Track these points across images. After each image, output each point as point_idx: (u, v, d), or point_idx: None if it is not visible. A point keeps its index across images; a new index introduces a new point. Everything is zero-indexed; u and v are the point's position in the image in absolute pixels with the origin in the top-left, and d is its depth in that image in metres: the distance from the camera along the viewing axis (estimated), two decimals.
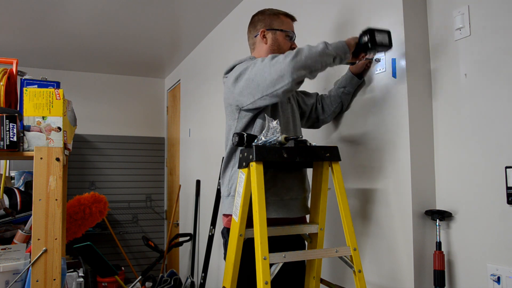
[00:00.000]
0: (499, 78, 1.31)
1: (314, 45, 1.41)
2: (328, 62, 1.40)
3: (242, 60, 1.61)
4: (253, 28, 1.70)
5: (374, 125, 1.63)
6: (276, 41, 1.64)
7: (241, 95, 1.48)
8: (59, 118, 1.34)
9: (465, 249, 1.39)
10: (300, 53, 1.36)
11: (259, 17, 1.68)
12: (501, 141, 1.29)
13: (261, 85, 1.40)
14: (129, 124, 5.10)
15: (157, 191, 5.16)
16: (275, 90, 1.38)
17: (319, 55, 1.37)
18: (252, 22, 1.71)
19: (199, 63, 3.92)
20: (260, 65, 1.41)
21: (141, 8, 3.07)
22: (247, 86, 1.44)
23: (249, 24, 1.72)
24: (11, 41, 3.76)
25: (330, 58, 1.40)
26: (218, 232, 3.24)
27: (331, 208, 1.63)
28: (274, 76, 1.36)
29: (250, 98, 1.45)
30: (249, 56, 1.64)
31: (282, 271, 1.25)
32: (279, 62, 1.36)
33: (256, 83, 1.41)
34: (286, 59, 1.35)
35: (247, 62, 1.52)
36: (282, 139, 1.28)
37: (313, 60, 1.36)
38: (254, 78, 1.41)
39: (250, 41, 1.73)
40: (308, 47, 1.40)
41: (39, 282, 1.24)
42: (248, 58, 1.62)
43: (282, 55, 1.39)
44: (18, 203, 2.01)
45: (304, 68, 1.35)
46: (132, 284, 3.65)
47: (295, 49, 1.41)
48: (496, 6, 1.32)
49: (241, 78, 1.47)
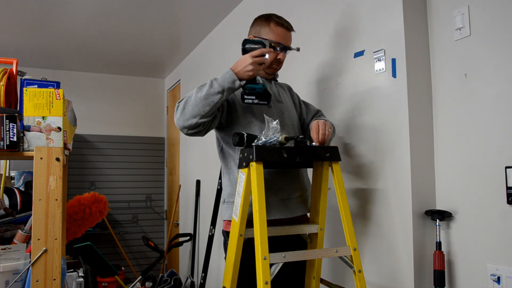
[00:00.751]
0: (499, 78, 1.31)
1: (201, 86, 1.43)
2: (217, 99, 1.40)
3: None
4: (248, 32, 1.67)
5: (374, 125, 1.63)
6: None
7: None
8: (59, 118, 1.34)
9: (465, 249, 1.39)
10: (186, 105, 1.42)
11: (255, 21, 1.65)
12: (501, 141, 1.29)
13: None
14: (129, 124, 5.10)
15: (157, 191, 5.16)
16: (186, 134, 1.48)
17: (204, 99, 1.39)
18: (251, 25, 1.67)
19: (199, 63, 3.92)
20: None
21: (141, 8, 3.07)
22: None
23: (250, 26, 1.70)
24: (11, 41, 3.76)
25: (218, 95, 1.39)
26: (218, 232, 3.24)
27: (331, 208, 1.63)
28: (178, 127, 1.47)
29: None
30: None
31: (282, 271, 1.25)
32: (176, 117, 1.45)
33: None
34: (176, 115, 1.44)
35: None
36: (282, 139, 1.28)
37: (199, 107, 1.39)
38: None
39: None
40: (195, 92, 1.42)
41: (39, 282, 1.24)
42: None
43: (176, 108, 1.45)
44: (18, 203, 2.01)
45: (194, 116, 1.40)
46: (132, 284, 3.65)
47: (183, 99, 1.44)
48: (496, 6, 1.32)
49: None
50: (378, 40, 1.63)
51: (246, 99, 1.46)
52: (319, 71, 1.98)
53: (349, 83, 1.78)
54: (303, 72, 2.13)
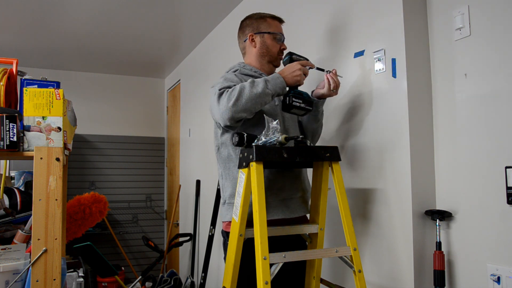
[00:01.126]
0: (499, 78, 1.31)
1: (255, 83, 1.43)
2: (267, 101, 1.45)
3: (230, 68, 1.68)
4: (242, 34, 1.72)
5: (374, 125, 1.63)
6: (264, 44, 1.67)
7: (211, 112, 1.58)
8: (59, 118, 1.34)
9: (465, 249, 1.39)
10: (241, 96, 1.40)
11: (247, 22, 1.71)
12: (501, 141, 1.29)
13: (214, 115, 1.52)
14: (129, 124, 5.09)
15: (157, 191, 5.16)
16: (219, 123, 1.51)
17: (259, 96, 1.41)
18: (241, 28, 1.73)
19: (199, 63, 3.92)
20: (212, 98, 1.50)
21: (141, 8, 3.07)
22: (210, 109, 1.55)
23: (238, 30, 1.75)
24: (11, 41, 3.76)
25: (269, 97, 1.45)
26: (218, 232, 3.24)
27: (331, 208, 1.63)
28: (218, 115, 1.47)
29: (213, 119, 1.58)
30: (238, 63, 1.69)
31: (282, 271, 1.25)
32: (222, 104, 1.43)
33: (212, 112, 1.54)
34: (228, 102, 1.41)
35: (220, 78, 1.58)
36: (282, 139, 1.28)
37: (253, 103, 1.41)
38: (210, 106, 1.54)
39: (240, 46, 1.75)
40: (250, 86, 1.42)
41: (39, 282, 1.24)
42: (237, 64, 1.68)
43: (226, 95, 1.42)
44: (18, 203, 2.01)
45: (244, 111, 1.41)
46: (132, 284, 3.65)
47: (236, 88, 1.43)
48: (496, 6, 1.32)
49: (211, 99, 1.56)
50: (378, 40, 1.63)
51: (295, 101, 1.48)
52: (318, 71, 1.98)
53: (349, 83, 1.78)
54: None
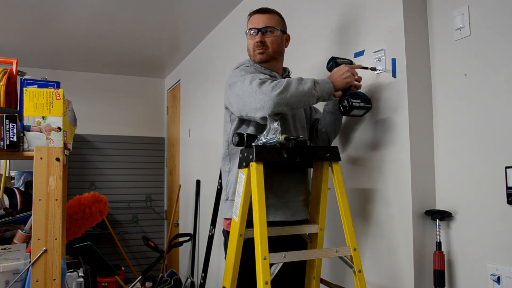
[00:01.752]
0: (499, 78, 1.31)
1: (303, 80, 1.41)
2: (311, 103, 1.43)
3: (241, 64, 1.66)
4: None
5: (374, 125, 1.63)
6: (248, 44, 1.66)
7: (231, 106, 1.53)
8: (59, 118, 1.34)
9: (465, 249, 1.39)
10: (287, 89, 1.37)
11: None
12: (501, 141, 1.29)
13: (246, 106, 1.43)
14: (129, 124, 5.10)
15: (157, 191, 5.16)
16: (255, 116, 1.42)
17: (304, 95, 1.38)
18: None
19: (199, 63, 3.92)
20: (248, 87, 1.42)
21: (141, 8, 3.07)
22: (235, 101, 1.48)
23: None
24: (11, 41, 3.76)
25: (314, 98, 1.41)
26: (218, 232, 3.24)
27: (331, 208, 1.63)
28: (257, 105, 1.38)
29: (237, 112, 1.50)
30: (247, 59, 1.68)
31: (282, 271, 1.25)
32: (265, 92, 1.36)
33: (243, 102, 1.44)
34: (272, 92, 1.35)
35: (240, 71, 1.54)
36: (283, 139, 1.28)
37: (297, 99, 1.37)
38: (242, 97, 1.44)
39: None
40: (297, 83, 1.39)
41: (39, 282, 1.24)
42: (247, 61, 1.66)
43: (270, 85, 1.37)
44: (18, 203, 2.01)
45: (287, 105, 1.37)
46: (132, 284, 3.65)
47: (283, 81, 1.39)
48: (496, 6, 1.32)
49: (232, 91, 1.50)
50: (378, 40, 1.63)
51: (354, 102, 1.48)
52: (319, 71, 1.98)
53: None
54: (303, 72, 2.12)
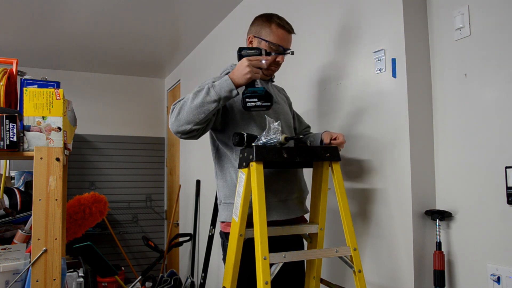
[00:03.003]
0: (499, 78, 1.31)
1: (198, 91, 1.40)
2: (212, 108, 1.38)
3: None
4: (248, 31, 1.65)
5: (374, 125, 1.63)
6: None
7: None
8: (59, 118, 1.34)
9: (465, 249, 1.39)
10: (181, 110, 1.40)
11: (255, 21, 1.63)
12: (501, 141, 1.29)
13: None
14: (129, 124, 5.09)
15: (157, 191, 5.16)
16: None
17: (199, 106, 1.37)
18: (251, 24, 1.66)
19: (199, 63, 3.92)
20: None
21: (141, 8, 3.07)
22: None
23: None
24: (11, 41, 3.76)
25: (214, 103, 1.37)
26: (218, 232, 3.24)
27: (331, 208, 1.63)
28: (172, 131, 1.46)
29: None
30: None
31: (282, 271, 1.25)
32: (170, 121, 1.43)
33: None
34: (171, 118, 1.43)
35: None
36: (282, 139, 1.28)
37: (194, 114, 1.38)
38: None
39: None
40: (192, 98, 1.39)
41: (39, 282, 1.24)
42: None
43: (171, 111, 1.43)
44: (18, 203, 2.01)
45: (188, 123, 1.39)
46: (132, 284, 3.65)
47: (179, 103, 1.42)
48: (496, 6, 1.32)
49: None
50: (378, 40, 1.63)
51: (249, 102, 1.39)
52: (319, 71, 1.98)
53: (349, 83, 1.78)
54: (303, 72, 2.13)
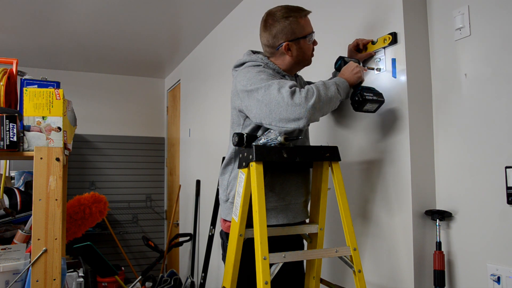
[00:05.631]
0: (499, 78, 1.31)
1: (327, 85, 1.40)
2: (336, 106, 1.46)
3: (254, 60, 1.53)
4: (271, 37, 1.50)
5: (374, 125, 1.63)
6: (301, 51, 1.52)
7: (249, 111, 1.41)
8: (59, 118, 1.34)
9: (465, 249, 1.39)
10: (320, 98, 1.33)
11: (277, 26, 1.48)
12: (501, 141, 1.29)
13: (273, 114, 1.33)
14: (129, 124, 5.10)
15: (157, 191, 5.16)
16: (286, 127, 1.32)
17: (332, 100, 1.40)
18: (268, 29, 1.51)
19: (199, 63, 3.92)
20: (277, 95, 1.31)
21: (141, 8, 3.07)
22: (257, 107, 1.37)
23: (264, 29, 1.53)
24: (11, 41, 3.76)
25: (339, 101, 1.45)
26: (218, 232, 3.24)
27: (331, 208, 1.63)
28: (291, 116, 1.30)
29: (257, 118, 1.39)
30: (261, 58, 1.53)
31: (282, 271, 1.25)
32: (299, 104, 1.29)
33: (269, 110, 1.33)
34: (307, 103, 1.29)
35: (258, 73, 1.43)
36: (283, 140, 1.28)
37: (328, 106, 1.39)
38: (268, 104, 1.33)
39: (267, 49, 1.55)
40: (324, 89, 1.36)
41: (39, 282, 1.24)
42: (259, 59, 1.53)
43: (302, 95, 1.30)
44: (18, 203, 2.01)
45: (322, 113, 1.38)
46: (132, 284, 3.65)
47: (312, 89, 1.34)
48: (496, 6, 1.32)
49: (251, 95, 1.38)
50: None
51: (367, 95, 1.48)
52: (319, 71, 1.98)
53: None
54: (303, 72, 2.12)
